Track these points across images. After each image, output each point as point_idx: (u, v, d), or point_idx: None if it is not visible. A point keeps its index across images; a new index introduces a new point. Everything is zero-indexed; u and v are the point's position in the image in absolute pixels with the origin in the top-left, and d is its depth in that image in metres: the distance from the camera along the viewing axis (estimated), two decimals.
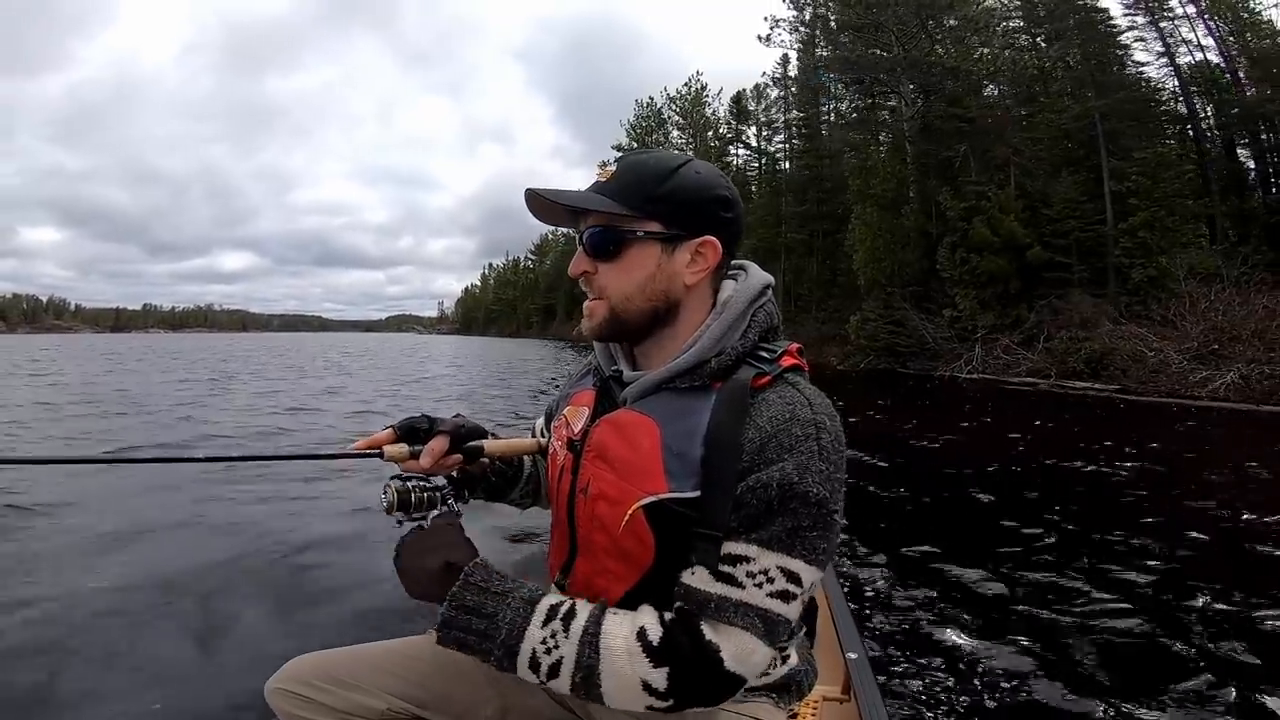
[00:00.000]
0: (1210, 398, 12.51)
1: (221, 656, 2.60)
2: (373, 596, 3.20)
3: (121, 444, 7.47)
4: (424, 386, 16.97)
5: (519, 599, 0.82)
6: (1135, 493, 5.88)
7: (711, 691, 0.79)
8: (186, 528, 4.26)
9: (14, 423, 9.02)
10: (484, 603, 0.82)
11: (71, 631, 2.79)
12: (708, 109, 43.66)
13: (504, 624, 0.81)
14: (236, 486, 5.23)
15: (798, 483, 0.77)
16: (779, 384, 0.84)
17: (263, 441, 7.99)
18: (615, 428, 0.88)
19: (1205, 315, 14.16)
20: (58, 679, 2.42)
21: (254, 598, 3.20)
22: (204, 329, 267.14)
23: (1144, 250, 17.68)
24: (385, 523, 0.91)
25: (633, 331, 0.91)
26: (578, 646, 0.79)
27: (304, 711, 0.95)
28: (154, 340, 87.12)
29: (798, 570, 0.78)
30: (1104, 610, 3.25)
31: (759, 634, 0.78)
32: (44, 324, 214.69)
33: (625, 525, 0.83)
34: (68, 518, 4.40)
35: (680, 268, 0.87)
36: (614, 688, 0.78)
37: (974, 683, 2.59)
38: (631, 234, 0.86)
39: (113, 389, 14.51)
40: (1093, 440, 8.48)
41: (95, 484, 5.16)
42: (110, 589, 3.21)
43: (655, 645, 0.78)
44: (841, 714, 1.48)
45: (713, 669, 0.78)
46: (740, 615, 0.78)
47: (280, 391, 14.55)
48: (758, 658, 0.79)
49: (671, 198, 0.85)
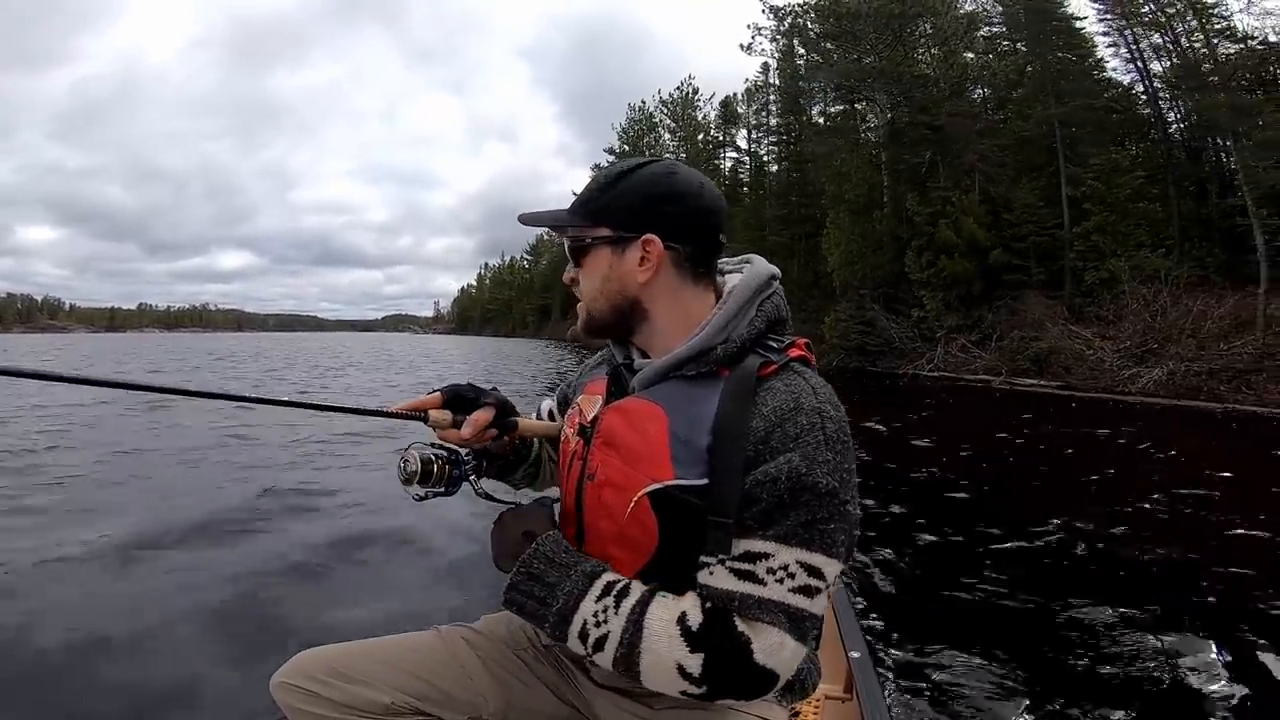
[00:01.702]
0: (1139, 393, 13.40)
1: (227, 650, 2.59)
2: (379, 593, 3.25)
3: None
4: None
5: (580, 572, 0.86)
6: (1076, 484, 6.29)
7: (744, 684, 0.80)
8: (199, 517, 4.34)
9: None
10: (548, 571, 0.86)
11: (73, 622, 2.79)
12: (699, 113, 44.61)
13: (562, 593, 0.84)
14: (254, 469, 5.63)
15: (806, 474, 0.78)
16: (785, 372, 0.86)
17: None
18: (623, 415, 0.90)
19: (1141, 316, 15.06)
20: (57, 669, 2.42)
21: (261, 592, 3.19)
22: (199, 329, 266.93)
23: (1097, 253, 18.56)
24: (401, 525, 1.16)
25: (608, 329, 0.96)
26: (624, 623, 0.81)
27: (309, 705, 0.96)
28: (149, 339, 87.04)
29: (818, 564, 0.79)
30: (1099, 607, 3.26)
31: (785, 629, 0.79)
32: (39, 323, 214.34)
33: (631, 512, 0.85)
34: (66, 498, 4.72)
35: (631, 267, 0.90)
36: (651, 667, 0.80)
37: (975, 681, 2.59)
38: (585, 241, 0.92)
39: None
40: (1037, 434, 9.26)
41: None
42: (112, 577, 3.29)
43: (694, 631, 0.79)
44: (844, 712, 1.48)
45: (744, 661, 0.78)
46: (765, 611, 0.79)
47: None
48: (787, 653, 0.79)
49: (616, 202, 0.90)
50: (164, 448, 7.03)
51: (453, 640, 1.05)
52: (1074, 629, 3.07)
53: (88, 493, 5.09)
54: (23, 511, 4.49)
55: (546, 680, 1.04)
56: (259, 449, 7.03)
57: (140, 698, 2.26)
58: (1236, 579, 3.73)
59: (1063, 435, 9.35)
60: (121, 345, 55.49)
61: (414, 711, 0.98)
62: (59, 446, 6.94)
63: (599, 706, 1.00)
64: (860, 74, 24.86)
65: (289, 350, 43.44)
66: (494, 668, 1.03)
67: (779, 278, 0.96)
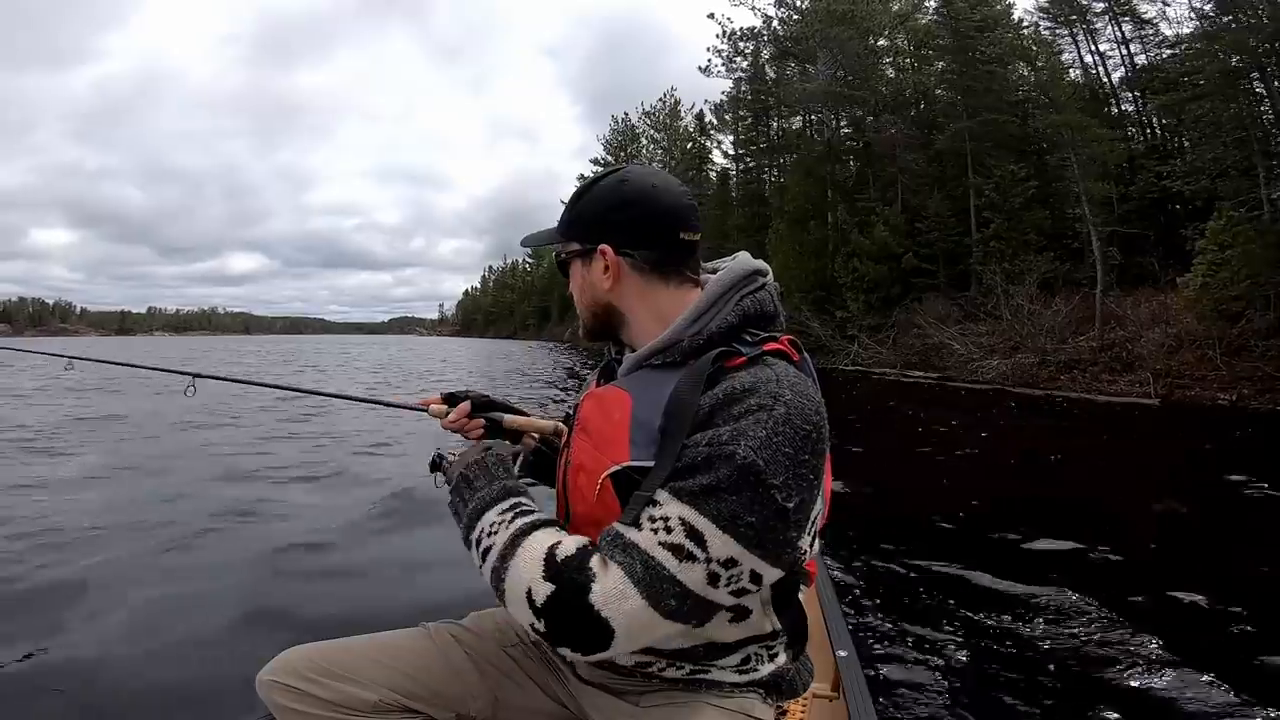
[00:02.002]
0: (985, 382, 15.64)
1: (213, 649, 2.57)
2: (367, 591, 3.26)
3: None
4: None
5: (501, 485, 0.90)
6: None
7: (577, 626, 0.77)
8: (192, 512, 4.42)
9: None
10: (477, 478, 0.92)
11: (55, 618, 2.80)
12: (680, 122, 46.82)
13: (477, 498, 0.90)
14: (251, 472, 5.75)
15: (727, 443, 0.75)
16: (754, 364, 0.84)
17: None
18: (597, 401, 0.93)
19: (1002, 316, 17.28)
20: (41, 667, 2.42)
21: (247, 590, 3.17)
22: (207, 332, 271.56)
23: (995, 257, 20.63)
24: (388, 522, 1.97)
25: (597, 332, 1.00)
26: (508, 537, 0.83)
27: (296, 703, 0.96)
28: (159, 343, 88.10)
29: (702, 530, 0.75)
30: (1090, 608, 3.25)
31: (636, 580, 0.75)
32: (50, 327, 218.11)
33: (598, 495, 0.85)
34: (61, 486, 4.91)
35: (597, 277, 0.94)
36: (511, 587, 0.80)
37: (962, 680, 2.60)
38: (562, 256, 1.00)
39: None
40: (920, 419, 10.58)
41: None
42: (96, 576, 3.26)
43: (556, 560, 0.79)
44: (831, 712, 1.49)
45: (579, 597, 0.76)
46: (624, 553, 0.77)
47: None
48: (628, 605, 0.75)
49: (578, 218, 0.96)
50: (157, 437, 7.69)
51: (441, 637, 1.07)
52: (1059, 623, 3.10)
53: (79, 482, 5.31)
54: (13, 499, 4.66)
55: (535, 677, 1.06)
56: (247, 441, 7.41)
57: (124, 695, 2.27)
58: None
59: (945, 420, 10.51)
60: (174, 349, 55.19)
61: (402, 709, 0.99)
62: (59, 435, 7.72)
63: (586, 702, 1.00)
64: (807, 95, 27.06)
65: (287, 350, 44.31)
66: (482, 664, 1.05)
67: (766, 274, 0.95)
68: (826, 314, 24.27)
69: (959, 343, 17.41)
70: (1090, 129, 17.97)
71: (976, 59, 22.53)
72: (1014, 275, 18.56)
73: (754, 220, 33.52)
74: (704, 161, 42.76)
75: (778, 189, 28.09)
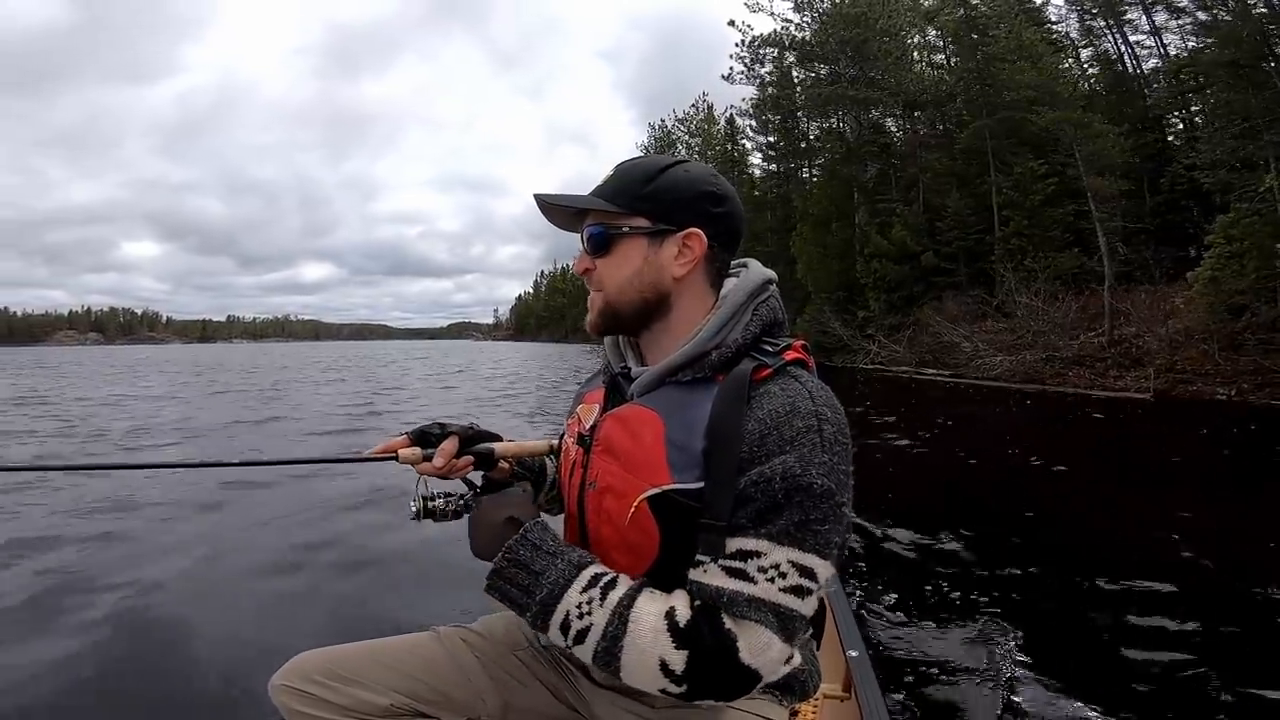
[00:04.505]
0: (989, 379, 15.82)
1: (225, 653, 2.58)
2: (377, 595, 3.26)
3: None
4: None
5: (567, 561, 0.86)
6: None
7: (726, 683, 0.79)
8: (197, 528, 4.39)
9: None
10: (534, 559, 0.86)
11: (71, 623, 2.85)
12: (715, 126, 47.37)
13: (547, 582, 0.84)
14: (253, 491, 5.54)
15: (801, 475, 0.77)
16: (780, 376, 0.85)
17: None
18: (620, 422, 0.91)
19: (1014, 313, 17.33)
20: (54, 670, 2.46)
21: (259, 596, 3.20)
22: (281, 338, 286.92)
23: (1016, 255, 20.50)
24: (390, 523, 1.96)
25: (627, 323, 0.95)
26: (609, 616, 0.81)
27: (308, 707, 0.97)
28: (238, 350, 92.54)
29: (810, 565, 0.78)
30: (1097, 605, 3.25)
31: (774, 629, 0.78)
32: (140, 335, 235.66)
33: (631, 518, 0.85)
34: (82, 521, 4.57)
35: (667, 260, 0.90)
36: (633, 662, 0.80)
37: (974, 681, 2.57)
38: (620, 230, 0.91)
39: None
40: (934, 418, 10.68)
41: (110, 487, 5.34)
42: (118, 587, 3.28)
43: (681, 627, 0.79)
44: (842, 712, 1.49)
45: (728, 659, 0.78)
46: (754, 610, 0.78)
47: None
48: (773, 652, 0.79)
49: (657, 194, 0.90)
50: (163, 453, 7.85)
51: (451, 641, 1.07)
52: (1072, 623, 3.06)
53: (101, 491, 5.25)
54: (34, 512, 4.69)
55: (545, 680, 1.06)
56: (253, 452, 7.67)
57: (138, 699, 2.30)
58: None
59: (950, 416, 10.85)
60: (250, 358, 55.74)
61: (412, 713, 0.99)
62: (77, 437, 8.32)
63: (598, 706, 1.01)
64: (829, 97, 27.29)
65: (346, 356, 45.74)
66: (492, 668, 1.05)
67: (774, 281, 0.96)
68: (849, 314, 24.54)
69: (966, 340, 17.52)
70: (1092, 125, 17.76)
71: (993, 55, 22.39)
72: (1033, 272, 18.51)
73: (785, 223, 33.89)
74: (738, 165, 43.17)
75: (804, 192, 28.35)
